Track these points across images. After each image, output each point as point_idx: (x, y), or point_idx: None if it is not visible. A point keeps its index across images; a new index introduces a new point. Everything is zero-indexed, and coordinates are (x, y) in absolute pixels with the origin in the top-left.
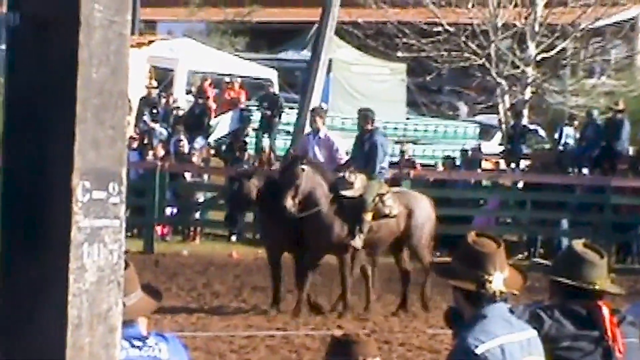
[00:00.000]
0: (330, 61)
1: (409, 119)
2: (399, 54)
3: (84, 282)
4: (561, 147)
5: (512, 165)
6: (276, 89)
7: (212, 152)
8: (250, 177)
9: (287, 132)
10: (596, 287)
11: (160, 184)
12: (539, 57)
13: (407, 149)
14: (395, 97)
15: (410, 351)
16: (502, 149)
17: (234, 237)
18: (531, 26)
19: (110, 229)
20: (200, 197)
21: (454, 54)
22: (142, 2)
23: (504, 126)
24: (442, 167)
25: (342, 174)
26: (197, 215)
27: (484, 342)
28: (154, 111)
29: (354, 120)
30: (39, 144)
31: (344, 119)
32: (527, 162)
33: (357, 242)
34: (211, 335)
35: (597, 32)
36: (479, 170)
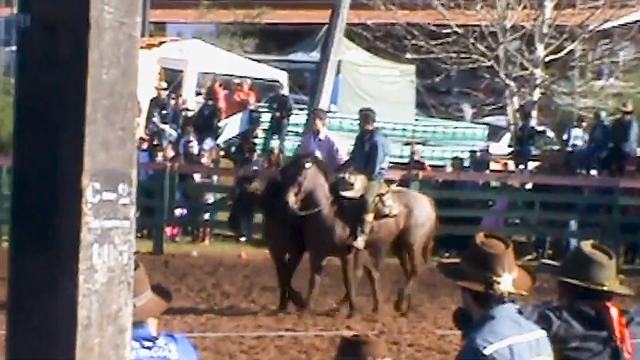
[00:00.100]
0: (339, 63)
1: (418, 120)
2: (408, 56)
3: (94, 283)
4: (570, 149)
5: (521, 166)
6: (285, 91)
7: (222, 153)
8: (252, 180)
9: (297, 134)
10: (605, 288)
11: (169, 185)
12: (547, 59)
13: (416, 150)
14: (404, 99)
15: (419, 352)
16: (511, 150)
17: (243, 238)
18: (540, 28)
19: (120, 230)
20: (209, 198)
21: (462, 55)
22: (152, 4)
23: (512, 127)
24: (450, 168)
25: (343, 175)
26: (207, 216)
27: (492, 342)
28: (164, 112)
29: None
30: (49, 145)
31: (353, 120)
32: (535, 163)
33: (359, 243)
34: (220, 335)
35: (606, 33)
36: (488, 171)
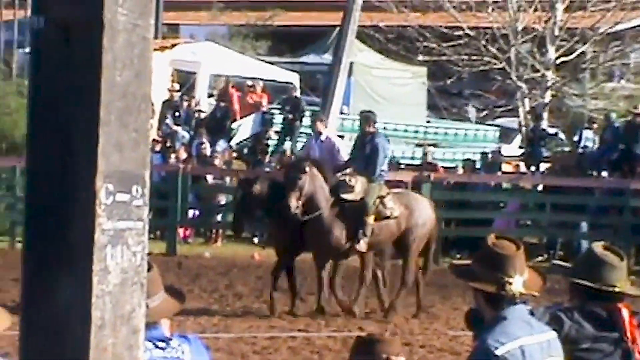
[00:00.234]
0: (351, 65)
1: (430, 122)
2: (420, 58)
3: (108, 284)
4: (581, 150)
5: (532, 168)
6: (298, 93)
7: (234, 154)
8: (254, 182)
9: (309, 135)
10: (616, 289)
11: (182, 187)
12: (558, 61)
13: (429, 152)
14: (415, 101)
15: (431, 353)
16: (522, 151)
17: (255, 239)
18: (551, 30)
19: (133, 231)
20: (222, 200)
21: (474, 57)
22: (165, 6)
23: (524, 129)
24: (462, 170)
25: (343, 178)
26: (219, 217)
27: (504, 343)
28: (177, 114)
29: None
30: (62, 147)
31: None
32: (546, 165)
33: (362, 246)
34: (233, 336)
35: (617, 36)
36: (499, 173)
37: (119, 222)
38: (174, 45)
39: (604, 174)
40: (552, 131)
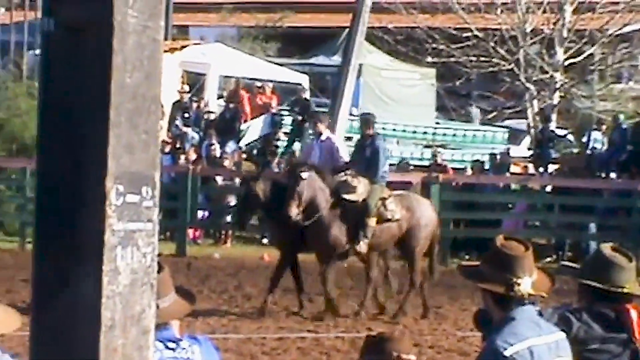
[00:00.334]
0: (360, 66)
1: (439, 123)
2: (429, 59)
3: (118, 285)
4: (589, 152)
5: (541, 169)
6: (307, 94)
7: (244, 156)
8: (256, 180)
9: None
10: (624, 291)
11: (192, 188)
12: (567, 63)
13: (438, 153)
14: (424, 102)
15: (439, 353)
16: (531, 153)
17: (265, 240)
18: (559, 32)
19: (143, 232)
20: (231, 201)
21: (483, 59)
22: (175, 8)
23: (532, 131)
24: (471, 171)
25: (345, 178)
26: (229, 218)
27: (512, 344)
28: (186, 115)
29: (384, 124)
30: (73, 148)
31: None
32: (555, 166)
33: (362, 247)
34: (243, 337)
35: (625, 37)
36: (508, 174)
37: (129, 223)
38: (183, 46)
39: (613, 175)
40: (560, 132)
